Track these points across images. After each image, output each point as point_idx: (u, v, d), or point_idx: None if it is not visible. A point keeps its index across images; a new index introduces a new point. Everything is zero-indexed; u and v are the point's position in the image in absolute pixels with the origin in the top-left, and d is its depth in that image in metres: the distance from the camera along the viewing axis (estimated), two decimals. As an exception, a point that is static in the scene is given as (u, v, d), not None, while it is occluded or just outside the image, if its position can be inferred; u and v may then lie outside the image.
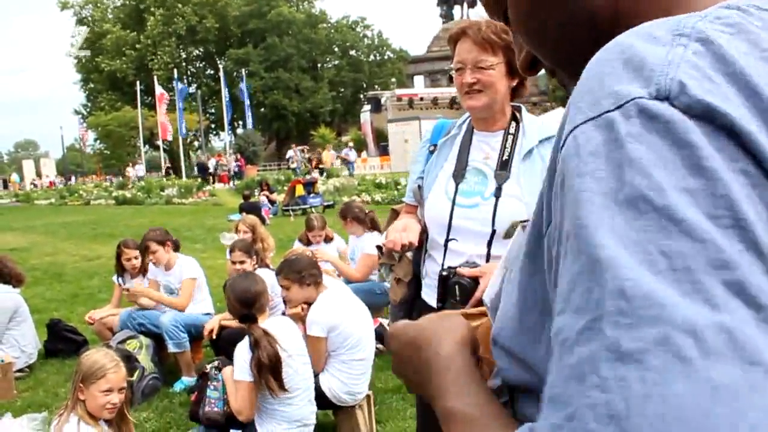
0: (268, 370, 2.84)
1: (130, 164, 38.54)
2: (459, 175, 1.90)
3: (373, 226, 5.24)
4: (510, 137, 1.90)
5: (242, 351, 2.92)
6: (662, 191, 0.35)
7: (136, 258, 4.76)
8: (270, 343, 2.87)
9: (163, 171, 36.59)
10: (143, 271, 4.75)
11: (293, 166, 28.64)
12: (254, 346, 2.86)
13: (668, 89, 0.37)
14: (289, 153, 30.38)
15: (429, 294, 1.95)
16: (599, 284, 0.35)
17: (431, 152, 2.01)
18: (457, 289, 1.76)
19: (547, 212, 0.46)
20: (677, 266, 0.33)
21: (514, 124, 1.92)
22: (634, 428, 0.32)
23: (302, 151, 31.33)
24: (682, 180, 0.35)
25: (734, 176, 0.35)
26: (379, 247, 2.18)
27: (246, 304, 3.04)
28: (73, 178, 49.68)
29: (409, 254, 2.04)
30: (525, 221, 0.60)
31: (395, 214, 2.17)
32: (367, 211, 5.39)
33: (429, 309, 1.92)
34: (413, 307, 2.06)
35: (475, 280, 1.74)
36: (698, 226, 0.34)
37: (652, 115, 0.37)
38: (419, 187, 2.00)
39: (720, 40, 0.39)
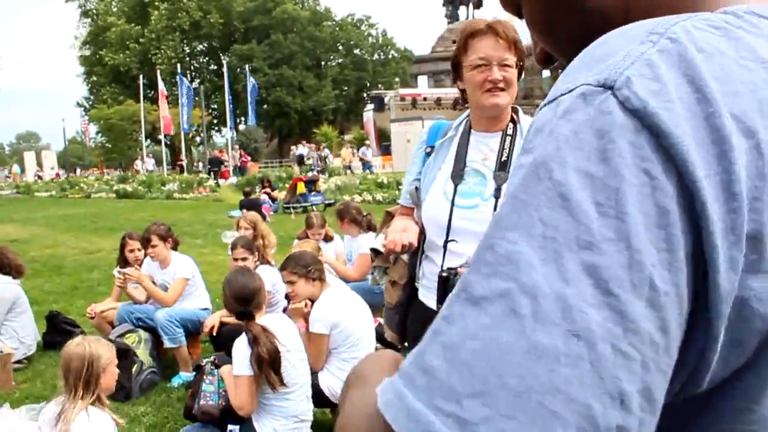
0: (268, 365, 2.85)
1: (139, 158, 38.48)
2: (457, 176, 1.91)
3: (369, 228, 5.27)
4: (508, 138, 1.92)
5: (241, 346, 2.92)
6: (564, 167, 0.37)
7: (139, 250, 4.80)
8: (269, 338, 2.88)
9: (168, 166, 36.44)
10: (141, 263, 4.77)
11: (309, 162, 28.49)
12: (252, 342, 2.87)
13: (614, 81, 0.38)
14: (302, 150, 29.93)
15: (427, 296, 1.96)
16: (484, 238, 0.39)
17: (428, 154, 2.01)
18: (458, 290, 1.76)
19: None
20: (548, 235, 0.36)
21: (511, 125, 1.94)
22: (457, 358, 0.35)
23: (318, 148, 31.23)
24: (586, 163, 0.37)
25: (635, 174, 0.36)
26: (373, 250, 2.18)
27: (243, 301, 3.03)
28: (78, 171, 49.65)
29: (405, 257, 2.04)
30: None
31: (389, 216, 2.17)
32: (365, 214, 5.42)
33: (427, 310, 1.93)
34: (409, 309, 2.06)
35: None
36: (580, 207, 0.36)
37: (588, 100, 0.39)
38: (416, 189, 2.01)
39: (692, 41, 0.39)
